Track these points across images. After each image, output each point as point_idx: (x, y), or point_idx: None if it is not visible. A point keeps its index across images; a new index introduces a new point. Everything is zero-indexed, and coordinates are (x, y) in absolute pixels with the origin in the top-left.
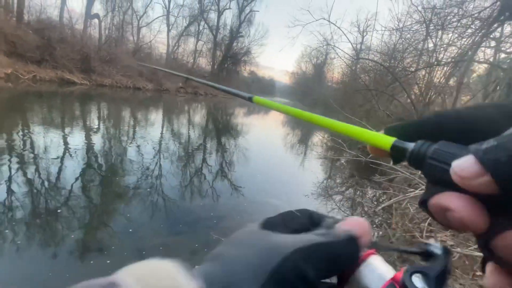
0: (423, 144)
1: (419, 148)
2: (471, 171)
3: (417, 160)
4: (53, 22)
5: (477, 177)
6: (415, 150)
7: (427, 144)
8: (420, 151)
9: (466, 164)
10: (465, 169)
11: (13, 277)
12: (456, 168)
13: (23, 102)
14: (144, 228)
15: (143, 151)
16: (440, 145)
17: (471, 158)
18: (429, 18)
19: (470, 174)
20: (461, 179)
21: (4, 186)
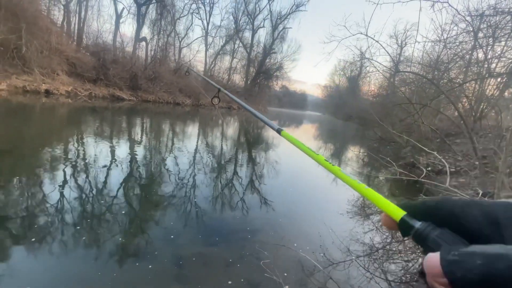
0: (427, 227)
1: (423, 229)
2: (435, 272)
3: (419, 239)
4: (108, 46)
5: (438, 277)
6: (419, 230)
7: (430, 228)
8: (423, 233)
9: (432, 263)
10: (431, 268)
11: (66, 274)
12: (428, 264)
13: (80, 115)
14: (182, 236)
15: (180, 162)
16: (439, 234)
17: (437, 260)
18: (478, 26)
19: (434, 273)
20: (429, 274)
21: (57, 190)
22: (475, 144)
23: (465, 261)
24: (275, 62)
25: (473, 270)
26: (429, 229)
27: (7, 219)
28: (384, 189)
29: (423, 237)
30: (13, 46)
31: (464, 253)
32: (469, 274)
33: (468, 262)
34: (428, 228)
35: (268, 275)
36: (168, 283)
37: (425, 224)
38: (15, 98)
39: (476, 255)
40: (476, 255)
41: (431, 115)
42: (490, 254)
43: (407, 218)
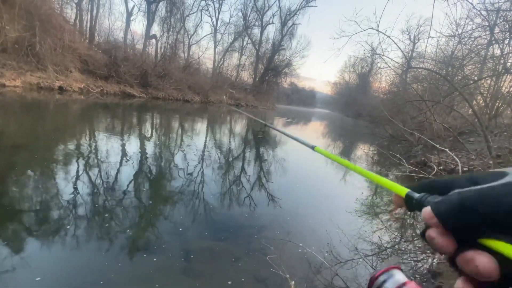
0: (423, 196)
1: (420, 198)
2: (428, 216)
3: (418, 206)
4: (119, 43)
5: (432, 219)
6: (418, 199)
7: (426, 196)
8: (420, 200)
9: (426, 212)
10: (425, 215)
11: (75, 266)
12: (423, 215)
13: (93, 112)
14: (190, 231)
15: (188, 157)
16: (431, 197)
17: (429, 208)
18: (494, 21)
19: (428, 217)
20: (425, 219)
21: (70, 184)
22: (490, 143)
23: (446, 199)
24: (284, 59)
25: (452, 202)
26: (425, 197)
27: (21, 211)
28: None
29: (421, 203)
30: (27, 43)
31: (447, 195)
32: (449, 206)
33: (448, 199)
34: (424, 196)
35: (274, 271)
36: (175, 276)
37: (422, 194)
38: (30, 95)
39: (454, 194)
40: (454, 194)
41: (444, 113)
42: (463, 190)
43: (409, 193)
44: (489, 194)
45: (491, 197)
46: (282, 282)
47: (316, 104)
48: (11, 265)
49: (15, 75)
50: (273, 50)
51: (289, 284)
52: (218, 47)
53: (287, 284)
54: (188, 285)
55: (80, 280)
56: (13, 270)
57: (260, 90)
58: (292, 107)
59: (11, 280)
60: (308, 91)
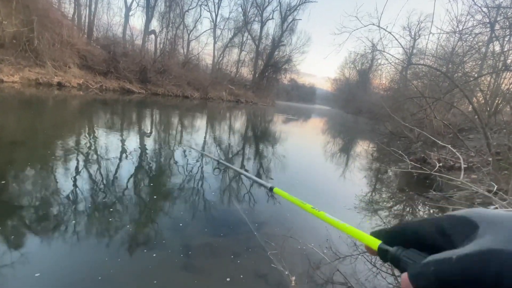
0: (397, 250)
1: (395, 253)
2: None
3: (394, 262)
4: (117, 39)
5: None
6: (393, 254)
7: (400, 251)
8: (395, 256)
9: (405, 282)
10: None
11: (73, 260)
12: (402, 282)
13: (92, 108)
14: (190, 227)
15: (188, 154)
16: (406, 254)
17: (407, 279)
18: (494, 18)
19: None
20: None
21: (69, 180)
22: (489, 140)
23: (423, 271)
24: (283, 55)
25: (429, 277)
26: (399, 252)
27: (20, 207)
28: (392, 185)
29: (396, 259)
30: (25, 38)
31: (422, 264)
32: (428, 281)
33: (425, 271)
34: (398, 251)
35: (275, 266)
36: (175, 272)
37: (396, 248)
38: (28, 90)
39: (430, 263)
40: (430, 263)
41: (444, 110)
42: (438, 260)
43: (382, 246)
44: (466, 267)
45: (468, 271)
46: (282, 277)
47: (316, 101)
48: (10, 261)
49: (13, 70)
50: (273, 46)
51: (290, 280)
52: (217, 42)
53: (288, 279)
54: (188, 280)
55: (79, 276)
56: (12, 266)
57: (260, 87)
58: (292, 103)
59: (10, 276)
60: (308, 87)
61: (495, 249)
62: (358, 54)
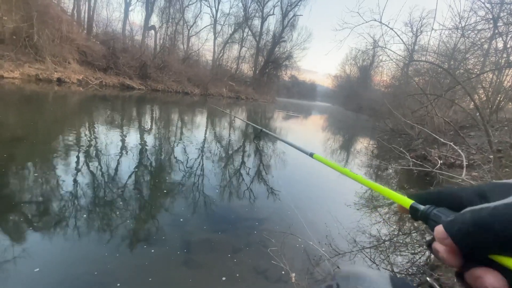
0: (429, 208)
1: (426, 210)
2: (442, 235)
3: (424, 218)
4: (117, 34)
5: (445, 239)
6: (423, 211)
7: (432, 208)
8: (426, 212)
9: (439, 231)
10: (438, 234)
11: (72, 255)
12: (435, 233)
13: (92, 104)
14: (190, 223)
15: (188, 150)
16: (437, 211)
17: (441, 227)
18: (497, 14)
19: (441, 237)
20: (438, 239)
21: (69, 176)
22: (491, 137)
23: (458, 219)
24: (284, 51)
25: (465, 222)
26: (431, 209)
27: (20, 203)
28: (393, 182)
29: (427, 215)
30: (25, 34)
31: (458, 214)
32: (463, 226)
33: (461, 218)
34: (430, 209)
35: (275, 262)
36: (176, 267)
37: (428, 206)
38: (28, 86)
39: (466, 212)
40: (466, 212)
41: (445, 107)
42: (476, 209)
43: (414, 205)
44: (502, 214)
45: (505, 218)
46: (282, 274)
47: (317, 97)
48: (10, 256)
49: (13, 66)
50: (274, 42)
51: (290, 276)
52: (218, 38)
53: (288, 276)
54: (188, 276)
55: (77, 271)
56: (12, 261)
57: (260, 83)
58: (293, 100)
59: (10, 271)
60: (309, 84)
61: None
62: (360, 50)
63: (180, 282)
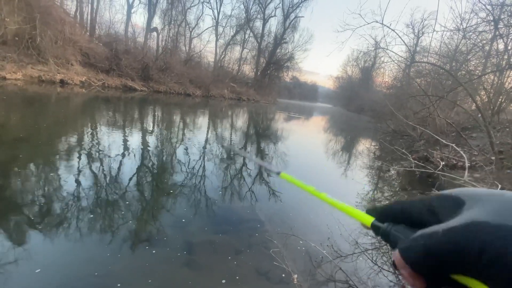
0: (387, 226)
1: (385, 229)
2: (399, 263)
3: (384, 237)
4: (120, 36)
5: (403, 267)
6: (383, 230)
7: (390, 227)
8: (386, 231)
9: (397, 258)
10: (396, 261)
11: (76, 256)
12: (393, 258)
13: (94, 105)
14: (192, 224)
15: (190, 151)
16: (395, 230)
17: (398, 255)
18: (498, 16)
19: (399, 265)
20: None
21: (72, 177)
22: (492, 139)
23: (413, 245)
24: (286, 52)
25: (419, 250)
26: (389, 228)
27: (23, 204)
28: (395, 183)
29: (386, 234)
30: (27, 36)
31: (412, 239)
32: (417, 254)
33: (415, 245)
34: (389, 227)
35: (277, 264)
36: (178, 268)
37: (386, 225)
38: (31, 88)
39: (419, 238)
40: (419, 238)
41: (447, 108)
42: (427, 234)
43: (375, 223)
44: (451, 240)
45: (453, 243)
46: (284, 275)
47: (318, 99)
48: (11, 257)
49: (16, 68)
50: (275, 44)
51: (292, 278)
52: (219, 40)
53: (290, 277)
54: (189, 277)
55: (78, 272)
56: (13, 262)
57: (262, 84)
58: (294, 101)
59: (11, 272)
60: (310, 85)
61: (478, 221)
62: (361, 51)
63: (182, 283)
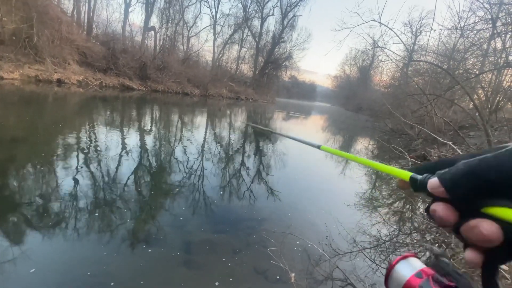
0: (426, 176)
1: (424, 178)
2: (434, 185)
3: (423, 186)
4: (117, 35)
5: (438, 188)
6: (422, 180)
7: (429, 176)
8: (424, 181)
9: (432, 182)
10: (431, 185)
11: (71, 255)
12: (429, 185)
13: (92, 105)
14: (190, 223)
15: (188, 151)
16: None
17: (435, 179)
18: (496, 14)
19: (434, 186)
20: (431, 190)
21: (69, 177)
22: (490, 137)
23: (452, 169)
24: (284, 52)
25: (457, 171)
26: (428, 177)
27: (19, 204)
28: (392, 182)
29: (424, 183)
30: (24, 35)
31: (453, 167)
32: (455, 175)
33: (454, 169)
34: (428, 176)
35: (274, 263)
36: (176, 268)
37: (426, 175)
38: (28, 87)
39: (460, 164)
40: (460, 164)
41: (445, 107)
42: (467, 160)
43: (413, 176)
44: (492, 160)
45: (495, 163)
46: (282, 274)
47: (317, 98)
48: (5, 257)
49: (13, 67)
50: (274, 43)
51: (289, 276)
52: (217, 39)
53: (287, 276)
54: (186, 276)
55: (74, 272)
56: (7, 261)
57: (260, 84)
58: (292, 100)
59: (5, 271)
60: (309, 84)
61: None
62: (359, 50)
63: (179, 283)
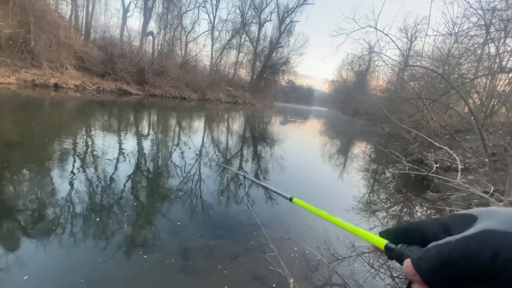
0: (401, 247)
1: (399, 250)
2: (411, 272)
3: (398, 258)
4: (115, 40)
5: (414, 276)
6: (397, 251)
7: (404, 248)
8: (399, 252)
9: (408, 267)
10: (407, 271)
11: (66, 262)
12: (404, 268)
13: (89, 109)
14: (188, 229)
15: (186, 155)
16: (409, 250)
17: (410, 264)
18: (490, 20)
19: (410, 274)
20: (407, 275)
21: (66, 182)
22: (485, 141)
23: (425, 255)
24: (281, 56)
25: (431, 259)
26: (403, 248)
27: (17, 209)
28: (390, 186)
29: (400, 255)
30: (22, 40)
31: (425, 249)
32: (430, 262)
33: (427, 255)
34: (402, 248)
35: (273, 268)
36: (173, 274)
37: (400, 246)
38: (25, 92)
39: (432, 248)
40: (432, 248)
41: (441, 111)
42: (440, 244)
43: (388, 245)
44: (464, 247)
45: (466, 251)
46: (280, 279)
47: (314, 102)
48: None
49: (10, 72)
50: (271, 48)
51: (288, 282)
52: (215, 44)
53: (286, 282)
54: (185, 282)
55: (70, 279)
56: (0, 269)
57: (258, 88)
58: (290, 104)
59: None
60: (306, 89)
61: (490, 229)
62: (356, 56)
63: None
